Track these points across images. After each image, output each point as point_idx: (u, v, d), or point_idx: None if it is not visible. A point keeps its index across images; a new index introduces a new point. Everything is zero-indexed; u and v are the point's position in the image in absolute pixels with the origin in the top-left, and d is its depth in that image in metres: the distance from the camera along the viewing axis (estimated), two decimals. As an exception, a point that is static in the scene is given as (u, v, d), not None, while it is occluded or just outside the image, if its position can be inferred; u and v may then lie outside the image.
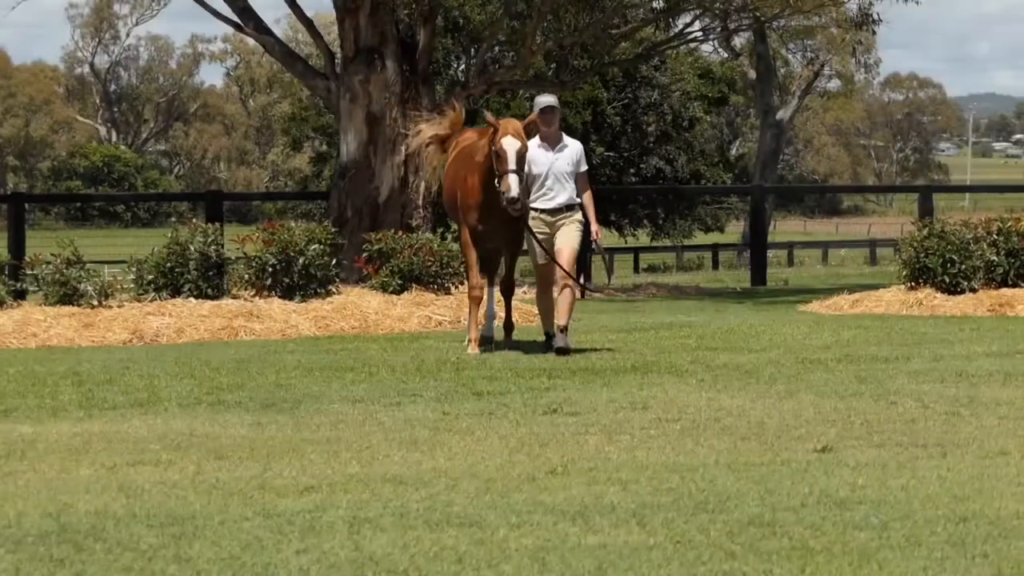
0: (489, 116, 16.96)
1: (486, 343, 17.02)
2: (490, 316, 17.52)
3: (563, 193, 16.62)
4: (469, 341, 16.78)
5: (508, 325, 17.60)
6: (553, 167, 16.66)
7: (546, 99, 17.20)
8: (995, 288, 22.38)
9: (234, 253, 21.25)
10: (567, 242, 16.46)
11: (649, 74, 60.10)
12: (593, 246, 17.54)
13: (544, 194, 16.60)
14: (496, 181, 16.30)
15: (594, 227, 16.81)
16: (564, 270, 16.28)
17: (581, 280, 16.84)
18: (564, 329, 16.41)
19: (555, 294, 16.53)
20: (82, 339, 18.58)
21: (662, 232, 67.14)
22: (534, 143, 16.64)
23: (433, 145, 18.06)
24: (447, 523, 8.11)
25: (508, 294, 17.71)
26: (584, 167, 16.95)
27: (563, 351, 16.14)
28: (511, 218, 16.50)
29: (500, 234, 16.91)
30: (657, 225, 66.93)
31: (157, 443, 10.94)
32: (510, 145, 16.30)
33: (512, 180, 16.09)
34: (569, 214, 16.58)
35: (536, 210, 16.50)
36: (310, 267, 20.73)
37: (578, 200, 16.71)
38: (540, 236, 16.47)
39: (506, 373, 14.72)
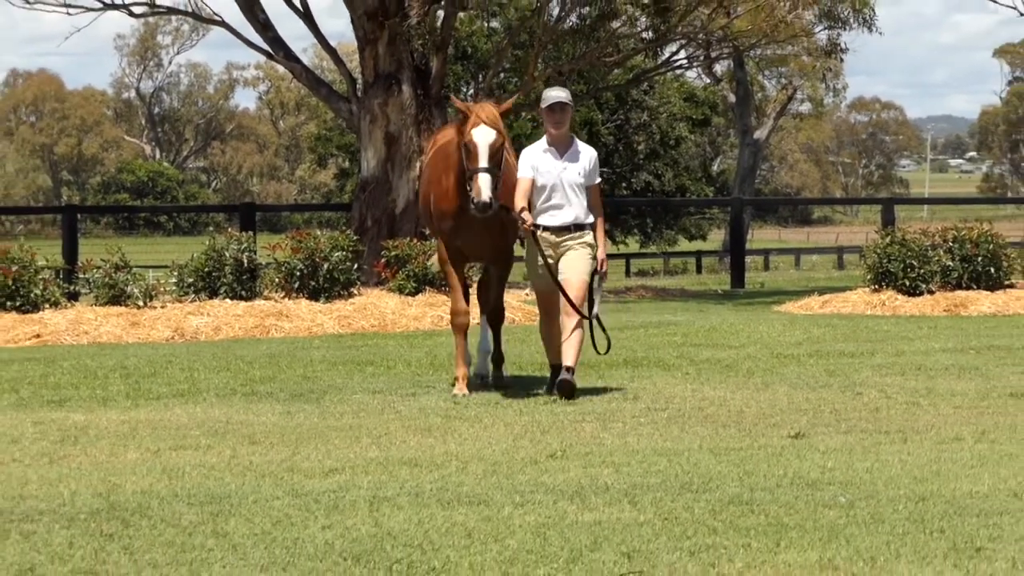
0: (457, 102, 13.20)
1: (480, 379, 13.40)
2: (483, 350, 13.69)
3: (572, 208, 12.56)
4: (456, 380, 12.85)
5: (497, 358, 13.65)
6: (562, 177, 12.55)
7: (556, 93, 12.78)
8: (950, 290, 22.41)
9: (265, 259, 21.27)
10: (575, 272, 12.48)
11: (639, 97, 60.12)
12: (595, 280, 12.78)
13: (549, 208, 12.56)
14: (467, 182, 12.36)
15: (601, 254, 12.73)
16: (571, 303, 12.38)
17: (593, 311, 12.77)
18: (570, 370, 12.40)
19: (562, 322, 12.57)
20: (129, 336, 18.59)
21: (650, 240, 67.17)
22: (540, 146, 12.69)
23: None
24: (458, 502, 8.12)
25: (496, 323, 13.61)
26: (597, 178, 12.80)
27: (568, 394, 12.28)
28: (497, 230, 12.76)
29: (482, 248, 13.04)
30: (646, 234, 67.00)
31: (197, 430, 10.96)
32: (482, 136, 12.28)
33: (483, 181, 12.08)
34: (578, 235, 12.56)
35: (538, 227, 12.54)
36: (334, 271, 20.75)
37: (589, 219, 12.63)
38: (543, 262, 12.59)
39: (509, 367, 14.70)
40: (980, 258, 22.66)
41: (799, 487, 8.47)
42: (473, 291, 14.26)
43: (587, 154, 12.76)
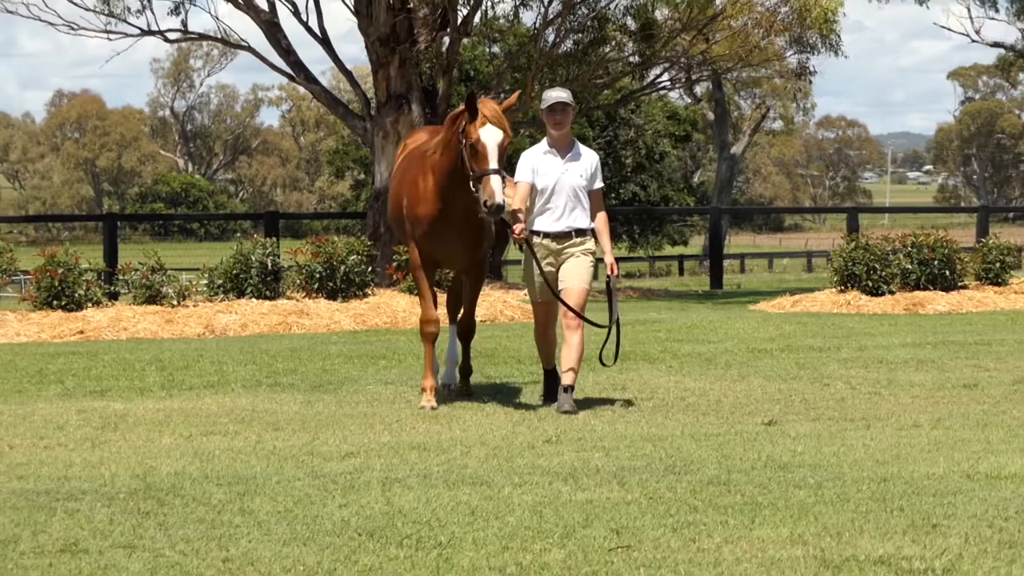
0: (483, 101, 11.16)
1: (446, 388, 12.10)
2: (451, 359, 12.28)
3: (573, 213, 11.22)
4: (422, 390, 11.47)
5: (465, 369, 12.19)
6: (562, 180, 11.18)
7: (557, 93, 11.32)
8: (909, 291, 22.41)
9: (288, 262, 21.27)
10: (576, 280, 11.21)
11: (627, 116, 60.11)
12: (609, 282, 11.60)
13: (549, 213, 11.24)
14: (472, 184, 10.72)
15: (609, 258, 11.40)
16: (571, 309, 11.14)
17: (614, 317, 11.54)
18: (568, 389, 11.12)
19: (565, 336, 11.28)
20: (164, 332, 18.59)
21: (637, 245, 67.22)
22: (540, 148, 11.32)
23: None
24: (462, 482, 8.12)
25: (466, 337, 12.00)
26: (599, 183, 11.38)
27: (567, 412, 10.93)
28: (473, 237, 11.29)
29: (456, 255, 11.54)
30: (633, 239, 67.03)
31: (225, 417, 10.96)
32: (491, 136, 10.69)
33: (496, 183, 10.52)
34: (579, 241, 11.24)
35: (537, 233, 11.24)
36: (350, 274, 20.74)
37: (591, 225, 11.29)
38: (544, 267, 11.26)
39: (509, 360, 14.70)
40: (936, 262, 22.66)
41: (772, 469, 8.47)
42: (442, 300, 12.78)
43: (589, 158, 11.41)
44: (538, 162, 11.22)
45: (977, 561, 6.29)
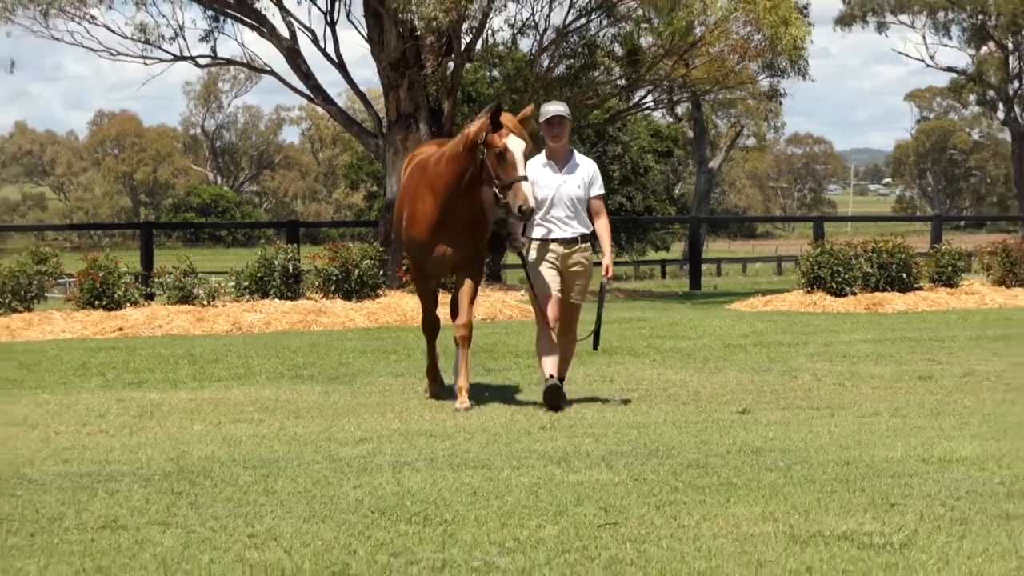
0: (506, 117, 10.52)
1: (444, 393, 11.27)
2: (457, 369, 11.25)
3: (572, 223, 10.68)
4: (458, 390, 10.87)
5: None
6: (561, 190, 10.65)
7: (554, 107, 10.79)
8: (870, 292, 22.42)
9: (307, 266, 21.28)
10: (575, 297, 10.82)
11: (614, 133, 60.05)
12: (603, 283, 11.15)
13: (549, 222, 10.67)
14: (499, 191, 10.25)
15: (607, 260, 10.89)
16: (571, 301, 10.76)
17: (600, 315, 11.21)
18: (560, 381, 10.71)
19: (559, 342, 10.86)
20: (195, 329, 18.59)
21: (623, 250, 67.14)
22: (539, 160, 10.74)
23: None
24: (465, 465, 8.12)
25: (463, 342, 11.02)
26: (598, 190, 10.83)
27: (555, 406, 10.48)
28: (471, 245, 10.82)
29: (458, 260, 10.90)
30: (620, 245, 66.87)
31: (251, 406, 10.96)
32: (516, 145, 10.23)
33: (527, 188, 10.11)
34: (582, 247, 10.73)
35: (540, 241, 10.69)
36: (363, 276, 20.74)
37: (589, 231, 10.77)
38: (547, 272, 10.68)
39: (508, 355, 14.70)
40: (894, 266, 22.68)
41: (745, 453, 8.48)
42: (444, 300, 12.15)
43: (587, 167, 10.87)
44: (537, 174, 10.65)
45: (931, 537, 6.30)
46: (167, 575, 5.72)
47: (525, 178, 10.18)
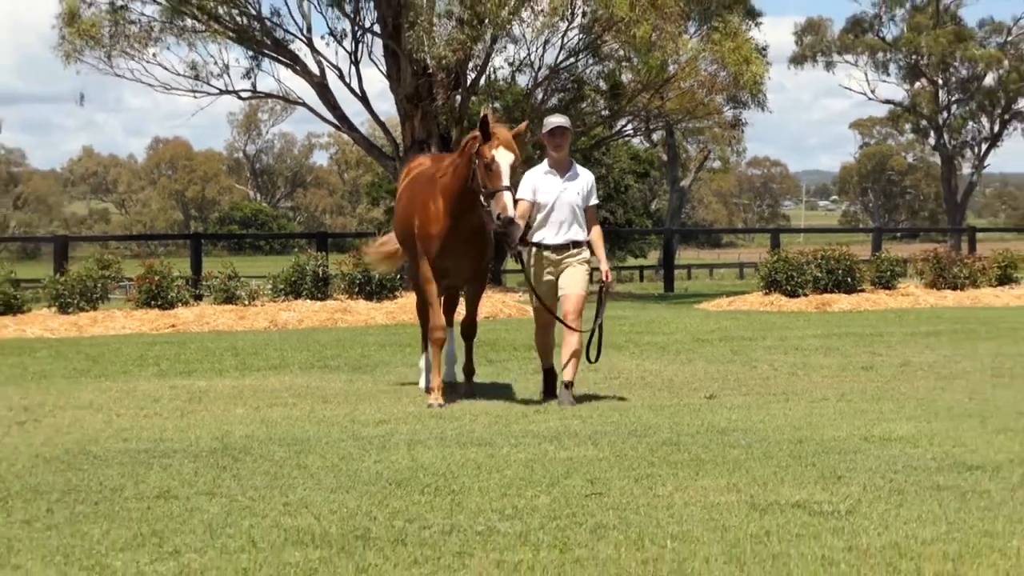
0: (493, 124, 9.85)
1: (449, 389, 10.62)
2: (451, 360, 11.13)
3: (571, 228, 10.09)
4: (430, 390, 10.23)
5: (468, 370, 10.95)
6: (561, 197, 10.05)
7: (556, 119, 10.21)
8: (819, 294, 22.44)
9: (334, 271, 21.29)
10: (574, 287, 10.10)
11: (599, 157, 60.00)
12: (603, 288, 10.49)
13: (549, 227, 10.08)
14: (483, 199, 9.60)
15: (604, 266, 10.28)
16: (567, 325, 10.10)
17: (599, 320, 10.48)
18: (569, 385, 10.07)
19: (564, 339, 10.19)
20: (238, 326, 18.58)
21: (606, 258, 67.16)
22: (541, 168, 10.18)
23: None
24: (470, 443, 8.11)
25: (470, 337, 10.75)
26: (595, 200, 10.26)
27: (568, 404, 9.89)
28: (478, 250, 10.14)
29: (464, 268, 10.27)
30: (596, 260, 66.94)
31: (286, 392, 10.95)
32: (504, 158, 9.59)
33: (507, 198, 9.46)
34: (577, 252, 10.12)
35: (538, 246, 10.11)
36: (383, 280, 20.75)
37: (587, 238, 10.17)
38: (545, 276, 10.12)
39: (508, 348, 14.69)
40: (840, 271, 22.70)
41: (712, 433, 8.47)
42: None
43: (585, 177, 10.24)
44: (539, 181, 10.12)
45: (872, 505, 6.29)
46: (213, 538, 5.71)
47: (508, 188, 9.48)
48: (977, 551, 5.42)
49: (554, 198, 10.02)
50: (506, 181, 9.49)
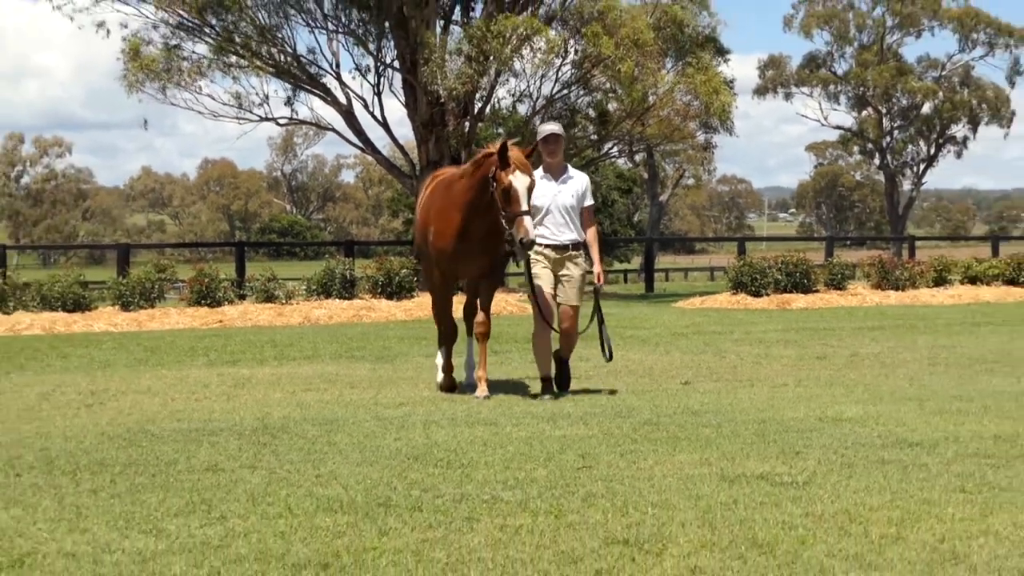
0: (490, 148, 9.28)
1: (451, 387, 9.88)
2: (470, 366, 10.24)
3: (566, 229, 9.46)
4: (476, 381, 9.69)
5: (470, 365, 10.32)
6: (556, 200, 9.44)
7: (550, 126, 9.56)
8: (780, 294, 22.41)
9: (360, 274, 21.29)
10: (571, 299, 9.53)
11: (589, 175, 60.13)
12: (596, 289, 9.67)
13: (545, 229, 9.41)
14: (504, 223, 9.01)
15: (597, 268, 9.58)
16: (563, 342, 9.63)
17: (602, 324, 9.94)
18: (564, 362, 9.67)
19: (565, 331, 9.64)
20: (276, 322, 18.58)
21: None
22: (537, 173, 9.35)
23: None
24: (477, 423, 8.10)
25: (483, 338, 9.69)
26: (589, 201, 9.55)
27: (557, 391, 9.58)
28: (490, 256, 9.48)
29: (480, 268, 9.58)
30: (591, 260, 66.94)
31: (318, 379, 10.94)
32: (520, 182, 8.95)
33: (528, 223, 8.88)
34: (574, 254, 9.51)
35: (536, 245, 9.28)
36: (402, 282, 20.76)
37: (582, 239, 9.53)
38: (542, 270, 9.47)
39: (509, 340, 14.67)
40: (798, 274, 22.68)
41: (687, 414, 8.46)
42: (458, 311, 10.60)
43: (580, 179, 9.58)
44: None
45: (826, 476, 6.28)
46: (255, 505, 5.70)
47: (528, 212, 8.88)
48: (917, 516, 5.42)
49: (549, 201, 9.42)
50: (524, 206, 8.88)
